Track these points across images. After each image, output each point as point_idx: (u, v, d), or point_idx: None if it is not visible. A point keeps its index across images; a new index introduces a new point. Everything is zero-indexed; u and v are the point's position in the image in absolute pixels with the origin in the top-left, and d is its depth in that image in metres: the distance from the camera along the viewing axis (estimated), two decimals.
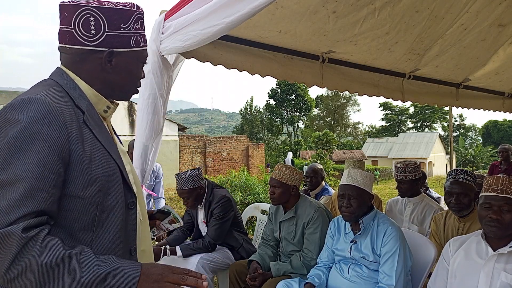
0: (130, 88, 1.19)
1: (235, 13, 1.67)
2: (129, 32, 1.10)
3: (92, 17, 1.05)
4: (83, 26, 1.05)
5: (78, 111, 1.04)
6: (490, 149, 38.89)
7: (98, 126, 1.08)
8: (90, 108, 1.08)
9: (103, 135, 1.09)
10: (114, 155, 1.09)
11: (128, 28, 1.10)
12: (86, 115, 1.05)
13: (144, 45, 1.17)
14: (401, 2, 2.37)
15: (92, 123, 1.06)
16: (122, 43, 1.10)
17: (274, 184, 2.70)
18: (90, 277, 0.89)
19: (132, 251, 1.15)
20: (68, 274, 0.88)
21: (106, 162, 1.05)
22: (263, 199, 7.26)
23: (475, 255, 1.74)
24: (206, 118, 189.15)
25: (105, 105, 1.15)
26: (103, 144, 1.07)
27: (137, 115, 2.42)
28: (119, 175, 1.09)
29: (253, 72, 2.65)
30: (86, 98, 1.09)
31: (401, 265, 2.02)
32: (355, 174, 2.22)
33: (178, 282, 0.97)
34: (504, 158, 5.94)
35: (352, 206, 2.16)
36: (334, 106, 49.15)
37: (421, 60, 3.22)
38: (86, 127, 1.03)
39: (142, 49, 1.16)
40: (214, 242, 2.93)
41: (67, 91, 1.05)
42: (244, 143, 19.10)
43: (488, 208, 1.69)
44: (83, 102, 1.07)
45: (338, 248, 2.29)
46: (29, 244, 0.86)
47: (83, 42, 1.05)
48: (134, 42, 1.12)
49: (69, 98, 1.04)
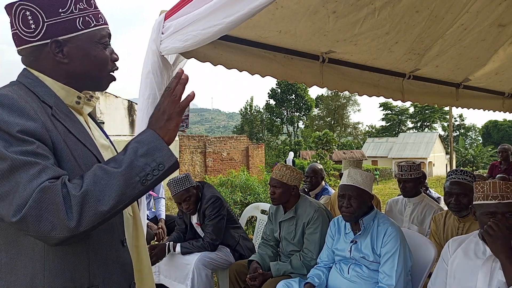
0: (97, 74, 1.11)
1: (235, 13, 1.67)
2: (72, 15, 1.02)
3: (28, 11, 0.99)
4: (23, 23, 1.00)
5: (45, 105, 1.00)
6: (490, 149, 38.91)
7: (69, 120, 1.04)
8: (59, 103, 1.04)
9: (76, 128, 1.05)
10: (91, 148, 1.05)
11: (69, 11, 1.02)
12: (54, 109, 1.01)
13: (97, 24, 1.08)
14: (401, 2, 2.36)
15: (62, 117, 1.02)
16: (66, 29, 1.02)
17: (274, 184, 2.70)
18: (127, 162, 0.91)
19: (124, 242, 1.11)
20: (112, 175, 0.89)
21: (82, 154, 1.01)
22: (263, 199, 7.26)
23: (473, 255, 1.74)
24: (206, 118, 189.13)
25: (75, 96, 1.09)
26: (77, 137, 1.03)
27: (137, 115, 2.41)
28: None
29: (253, 72, 2.65)
30: (53, 94, 1.04)
31: (401, 265, 2.02)
32: (355, 174, 2.22)
33: (180, 104, 1.03)
34: (504, 158, 5.94)
35: (352, 207, 2.16)
36: (334, 106, 49.15)
37: (421, 60, 3.22)
38: (56, 120, 0.99)
39: (95, 29, 1.07)
40: (213, 242, 2.93)
41: (31, 89, 1.01)
42: (244, 143, 19.10)
43: (491, 216, 1.67)
44: (50, 98, 1.02)
45: (338, 248, 2.29)
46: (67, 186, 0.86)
47: (28, 40, 1.02)
48: (81, 24, 1.04)
49: (34, 95, 1.00)
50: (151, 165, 0.92)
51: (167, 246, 2.93)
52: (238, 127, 45.39)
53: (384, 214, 2.29)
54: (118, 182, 0.88)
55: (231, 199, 6.88)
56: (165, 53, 2.21)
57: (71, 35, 1.03)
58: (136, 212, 1.25)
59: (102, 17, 1.11)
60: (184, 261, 2.91)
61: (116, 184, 0.87)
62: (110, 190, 0.87)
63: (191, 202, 2.98)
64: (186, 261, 2.89)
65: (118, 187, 0.87)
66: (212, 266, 2.93)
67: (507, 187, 1.67)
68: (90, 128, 1.14)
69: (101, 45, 1.09)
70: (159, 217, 3.85)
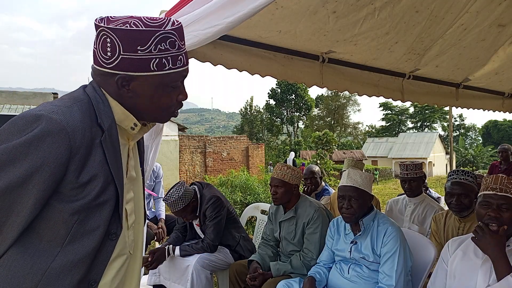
0: (154, 113, 1.08)
1: (235, 13, 1.67)
2: (149, 55, 0.99)
3: (109, 38, 0.98)
4: (102, 47, 1.00)
5: (98, 129, 1.00)
6: (490, 149, 38.94)
7: (113, 148, 1.03)
8: (113, 127, 1.03)
9: (114, 158, 1.03)
10: (117, 182, 1.03)
11: (147, 50, 0.98)
12: (105, 134, 1.00)
13: (172, 67, 1.03)
14: (401, 2, 2.36)
15: (108, 145, 1.01)
16: (138, 67, 1.00)
17: (276, 183, 2.69)
18: None
19: (92, 283, 1.03)
20: None
21: (104, 187, 1.00)
22: (263, 199, 7.27)
23: (473, 255, 1.74)
24: (206, 118, 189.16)
25: (132, 122, 1.08)
26: (111, 168, 1.01)
27: None
28: (113, 203, 1.03)
29: (253, 72, 2.65)
30: (111, 116, 1.03)
31: (401, 265, 2.02)
32: (355, 175, 2.22)
33: None
34: (504, 158, 5.94)
35: (352, 207, 2.15)
36: (334, 106, 49.16)
37: (421, 60, 3.22)
38: (100, 148, 0.99)
39: (169, 72, 1.02)
40: (213, 243, 2.93)
41: (94, 105, 1.01)
42: (244, 143, 19.10)
43: (487, 206, 1.70)
44: (107, 120, 1.02)
45: (338, 249, 2.29)
46: None
47: (101, 64, 1.01)
48: (156, 66, 1.00)
49: (93, 114, 1.00)
50: None
51: (167, 249, 2.92)
52: (238, 127, 45.40)
53: (384, 214, 2.28)
54: None
55: (231, 199, 6.88)
56: None
57: (140, 73, 1.01)
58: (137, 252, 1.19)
59: (182, 59, 1.05)
60: (183, 262, 2.90)
61: None
62: None
63: (189, 211, 2.97)
64: (185, 262, 2.89)
65: None
66: (211, 268, 2.92)
67: (509, 182, 1.70)
68: (129, 157, 1.12)
69: (167, 88, 1.05)
70: (159, 217, 3.85)
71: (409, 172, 3.01)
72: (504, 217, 1.65)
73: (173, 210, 2.93)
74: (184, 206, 2.89)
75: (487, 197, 1.71)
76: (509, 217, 1.65)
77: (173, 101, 1.08)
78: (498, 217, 1.65)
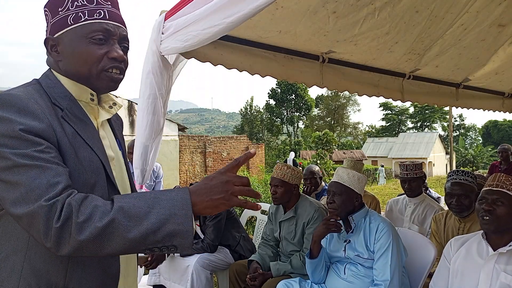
0: (86, 72, 1.05)
1: (235, 14, 1.67)
2: (67, 12, 1.03)
3: (45, 12, 1.07)
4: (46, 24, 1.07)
5: (56, 108, 1.00)
6: (490, 149, 38.93)
7: (81, 122, 1.03)
8: (73, 106, 1.04)
9: (86, 131, 1.03)
10: (99, 153, 1.04)
11: (65, 9, 1.03)
12: (65, 111, 1.01)
13: (89, 18, 1.03)
14: (401, 2, 2.36)
15: (72, 119, 1.01)
16: (59, 26, 1.04)
17: (276, 183, 2.70)
18: (143, 230, 0.84)
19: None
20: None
21: (89, 157, 1.00)
22: (263, 199, 7.27)
23: (475, 254, 1.74)
24: (206, 118, 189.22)
25: (88, 92, 1.08)
26: (85, 139, 1.01)
27: (137, 115, 2.42)
28: (103, 171, 1.03)
29: (253, 72, 2.65)
30: (68, 95, 1.04)
31: (395, 260, 2.03)
32: (342, 173, 2.26)
33: (245, 194, 0.90)
34: (504, 158, 5.94)
35: (335, 203, 2.20)
36: (334, 106, 49.17)
37: (421, 60, 3.22)
38: (65, 122, 0.99)
39: (85, 23, 1.03)
40: (213, 243, 2.93)
41: (46, 91, 1.02)
42: (244, 143, 19.10)
43: (483, 202, 1.74)
44: (64, 100, 1.02)
45: (332, 249, 2.30)
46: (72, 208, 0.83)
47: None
48: (72, 19, 1.02)
49: (47, 97, 1.00)
50: (165, 244, 0.87)
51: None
52: (238, 127, 45.38)
53: (375, 211, 2.31)
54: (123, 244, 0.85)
55: None
56: (165, 53, 2.21)
57: (62, 31, 1.03)
58: None
59: (102, 12, 1.05)
60: (183, 262, 2.91)
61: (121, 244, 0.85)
62: (114, 244, 0.84)
63: None
64: (185, 262, 2.89)
65: (122, 246, 0.85)
66: (211, 268, 2.93)
67: (506, 179, 1.74)
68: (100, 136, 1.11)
69: (90, 40, 1.03)
70: None
71: (409, 172, 3.02)
72: (498, 212, 1.67)
73: None
74: None
75: (483, 193, 1.77)
76: (503, 213, 1.66)
77: (99, 55, 1.04)
78: (491, 210, 1.68)
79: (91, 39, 1.03)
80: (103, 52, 1.04)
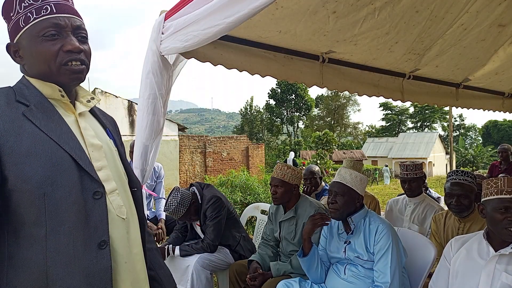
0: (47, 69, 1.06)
1: (235, 14, 1.67)
2: (18, 16, 1.04)
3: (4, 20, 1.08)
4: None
5: (18, 105, 1.01)
6: (490, 149, 38.92)
7: (47, 118, 1.03)
8: (42, 102, 1.05)
9: (53, 125, 1.03)
10: (65, 145, 1.02)
11: (16, 12, 1.04)
12: (30, 107, 1.02)
13: (37, 17, 1.04)
14: (401, 2, 2.36)
15: (37, 115, 1.02)
16: (15, 32, 1.05)
17: (276, 183, 2.69)
18: None
19: (102, 244, 1.02)
20: None
21: (50, 152, 0.99)
22: (263, 199, 7.27)
23: (476, 255, 1.74)
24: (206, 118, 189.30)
25: (56, 89, 1.09)
26: (49, 134, 1.01)
27: (137, 115, 2.42)
28: (71, 164, 1.01)
29: (253, 72, 2.64)
30: (39, 94, 1.06)
31: (395, 262, 2.03)
32: (345, 173, 2.25)
33: None
34: (504, 158, 5.94)
35: (337, 203, 2.19)
36: (334, 106, 49.17)
37: (421, 60, 3.22)
38: (26, 120, 1.00)
39: (34, 22, 1.04)
40: (213, 243, 2.93)
41: (16, 92, 1.05)
42: (244, 143, 19.10)
43: (505, 211, 1.65)
44: (33, 98, 1.04)
45: (332, 250, 2.30)
46: None
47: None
48: (23, 22, 1.04)
49: (13, 97, 1.03)
50: None
51: (167, 249, 2.92)
52: (238, 127, 45.40)
53: (374, 212, 2.30)
54: None
55: (231, 199, 6.88)
56: (165, 53, 2.21)
57: (18, 35, 1.05)
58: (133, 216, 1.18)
59: (48, 7, 1.05)
60: (183, 262, 2.91)
61: None
62: None
63: (192, 213, 2.99)
64: (185, 262, 2.89)
65: None
66: (211, 268, 2.92)
67: None
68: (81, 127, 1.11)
69: (43, 38, 1.04)
70: (159, 217, 3.84)
71: (409, 172, 3.02)
72: None
73: (177, 217, 2.94)
74: (185, 210, 2.91)
75: (505, 201, 1.66)
76: None
77: (54, 51, 1.05)
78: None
79: (43, 37, 1.04)
80: (57, 47, 1.05)
